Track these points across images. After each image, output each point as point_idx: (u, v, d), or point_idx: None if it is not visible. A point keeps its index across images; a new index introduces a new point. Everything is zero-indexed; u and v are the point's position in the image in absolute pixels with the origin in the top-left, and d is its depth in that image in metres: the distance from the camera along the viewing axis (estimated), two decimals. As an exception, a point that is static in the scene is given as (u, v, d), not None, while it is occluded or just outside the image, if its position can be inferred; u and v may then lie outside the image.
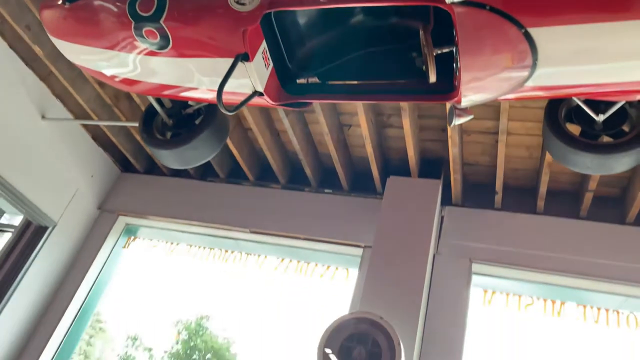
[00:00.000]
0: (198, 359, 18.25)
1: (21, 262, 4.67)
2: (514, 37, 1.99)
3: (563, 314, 3.93)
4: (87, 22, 2.65)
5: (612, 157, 2.56)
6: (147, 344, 17.37)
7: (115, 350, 18.34)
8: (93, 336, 17.13)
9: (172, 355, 18.25)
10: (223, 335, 17.54)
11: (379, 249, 4.11)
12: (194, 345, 17.98)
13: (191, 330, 17.73)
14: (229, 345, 17.83)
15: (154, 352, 17.86)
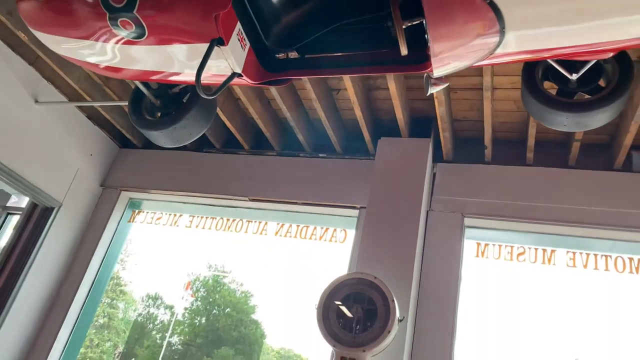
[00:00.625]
0: (218, 314, 18.97)
1: (32, 244, 4.86)
2: (480, 7, 2.02)
3: (554, 261, 4.07)
4: (64, 13, 2.66)
5: (588, 115, 2.61)
6: (168, 302, 18.03)
7: (138, 310, 19.12)
8: (115, 299, 17.78)
9: (193, 312, 18.95)
10: (240, 289, 18.10)
11: (373, 209, 4.24)
12: (212, 301, 18.63)
13: (209, 286, 18.31)
14: (247, 298, 18.43)
15: (175, 309, 18.56)
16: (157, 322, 18.08)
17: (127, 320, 17.75)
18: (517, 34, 2.13)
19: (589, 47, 2.20)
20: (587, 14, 1.97)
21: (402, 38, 2.26)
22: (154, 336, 17.83)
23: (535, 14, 2.03)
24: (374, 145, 4.65)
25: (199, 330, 17.78)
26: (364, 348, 3.23)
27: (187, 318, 18.55)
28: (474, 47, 2.20)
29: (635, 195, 3.99)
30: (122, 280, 17.24)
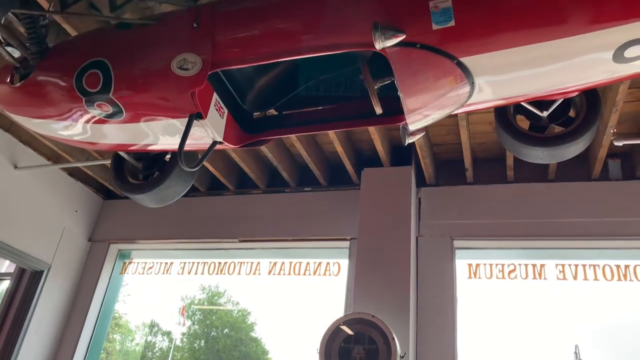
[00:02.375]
0: (217, 335, 18.83)
1: (25, 308, 4.80)
2: (448, 67, 2.08)
3: (544, 275, 4.15)
4: (38, 97, 2.67)
5: (562, 148, 2.68)
6: (165, 329, 17.83)
7: (135, 340, 18.90)
8: (111, 333, 17.58)
9: (191, 336, 18.78)
10: (237, 309, 17.99)
11: (363, 242, 4.28)
12: (210, 323, 18.48)
13: (205, 310, 18.16)
14: (245, 317, 18.35)
15: (173, 335, 18.38)
16: (156, 350, 17.88)
17: (125, 351, 17.52)
18: (486, 86, 2.20)
19: (555, 90, 2.29)
20: (544, 65, 2.06)
21: (374, 98, 2.32)
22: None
23: (500, 67, 2.10)
24: (358, 175, 4.71)
25: (200, 353, 17.57)
26: (369, 389, 3.26)
27: (186, 343, 18.37)
28: (446, 101, 2.27)
29: (615, 203, 4.10)
30: (116, 313, 17.05)
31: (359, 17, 2.08)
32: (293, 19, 2.21)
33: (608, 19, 1.88)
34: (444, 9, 1.99)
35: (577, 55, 2.01)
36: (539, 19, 1.93)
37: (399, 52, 2.05)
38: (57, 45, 2.68)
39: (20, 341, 4.69)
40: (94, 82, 2.42)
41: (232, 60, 2.29)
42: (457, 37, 2.01)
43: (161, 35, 2.39)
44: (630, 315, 3.86)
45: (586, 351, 3.92)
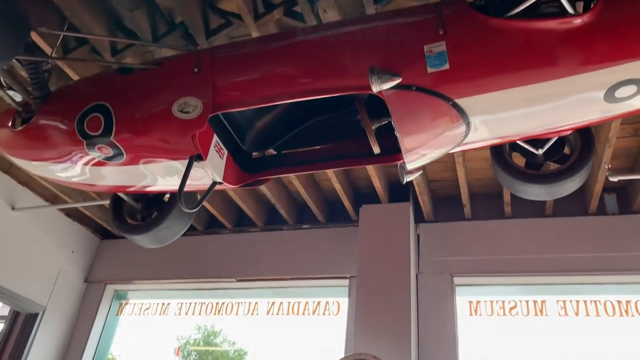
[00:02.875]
0: (213, 376, 18.46)
1: (19, 352, 4.71)
2: (444, 108, 2.13)
3: (546, 312, 4.12)
4: (39, 140, 2.69)
5: (559, 184, 2.71)
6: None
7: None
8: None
9: (187, 378, 18.40)
10: (233, 348, 17.65)
11: (363, 280, 4.25)
12: (205, 366, 18.14)
13: (200, 351, 17.82)
14: (242, 356, 17.98)
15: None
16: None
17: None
18: (481, 126, 2.24)
19: (549, 129, 2.34)
20: (539, 105, 2.11)
21: (372, 138, 2.36)
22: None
23: (494, 107, 2.15)
24: (356, 212, 4.72)
25: (195, 394, 17.17)
26: None
27: (181, 386, 17.97)
28: (442, 140, 2.31)
29: (613, 237, 4.11)
30: (110, 355, 16.68)
31: (356, 61, 2.14)
32: (291, 63, 2.26)
33: (598, 61, 1.94)
34: (439, 52, 2.05)
35: (569, 95, 2.06)
36: (531, 61, 1.98)
37: (396, 95, 2.09)
38: (59, 90, 2.73)
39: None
40: (95, 126, 2.45)
41: (232, 104, 2.33)
42: (451, 79, 2.06)
43: (162, 79, 2.44)
44: (631, 350, 3.80)
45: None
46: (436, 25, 2.06)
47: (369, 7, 2.67)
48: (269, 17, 2.86)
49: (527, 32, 1.96)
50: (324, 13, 2.74)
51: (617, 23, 1.91)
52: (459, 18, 2.08)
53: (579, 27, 1.92)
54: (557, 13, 1.96)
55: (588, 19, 1.90)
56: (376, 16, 2.44)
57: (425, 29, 2.08)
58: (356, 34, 2.23)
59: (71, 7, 2.84)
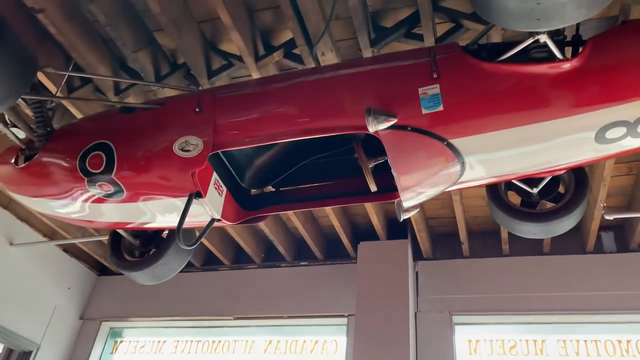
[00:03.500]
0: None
1: (9, 392, 4.62)
2: (439, 148, 2.17)
3: (546, 351, 4.07)
4: (41, 178, 2.72)
5: (554, 223, 2.74)
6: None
7: None
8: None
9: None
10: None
11: (361, 319, 4.22)
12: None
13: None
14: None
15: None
16: None
17: None
18: (476, 165, 2.28)
19: (542, 169, 2.38)
20: (532, 146, 2.16)
21: (369, 177, 2.39)
22: None
23: (488, 148, 2.20)
24: (354, 248, 4.72)
25: None
26: None
27: None
28: (438, 179, 2.34)
29: (611, 276, 4.11)
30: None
31: (353, 102, 2.19)
32: (290, 103, 2.32)
33: (587, 104, 2.00)
34: (433, 95, 2.11)
35: (560, 136, 2.11)
36: (522, 104, 2.04)
37: (391, 135, 2.14)
38: (63, 128, 2.78)
39: None
40: (97, 163, 2.49)
41: (232, 142, 2.37)
42: (445, 120, 2.11)
43: (164, 118, 2.49)
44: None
45: None
46: (430, 68, 2.13)
47: (365, 51, 2.76)
48: (269, 59, 2.95)
49: (517, 76, 2.03)
50: (322, 56, 2.82)
51: (604, 67, 1.98)
52: (452, 62, 2.14)
53: (568, 71, 1.98)
54: (546, 58, 2.03)
55: (576, 64, 1.97)
56: (373, 59, 2.52)
57: (419, 72, 2.15)
58: (353, 75, 2.30)
59: (76, 48, 2.92)
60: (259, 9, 2.93)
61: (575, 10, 1.71)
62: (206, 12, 2.81)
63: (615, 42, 2.00)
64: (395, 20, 2.83)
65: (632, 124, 2.05)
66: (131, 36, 2.90)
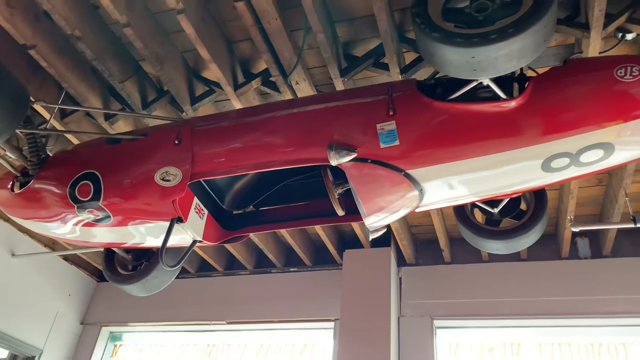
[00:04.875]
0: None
1: (14, 396, 4.85)
2: (397, 178, 2.35)
3: (522, 354, 4.26)
4: (35, 203, 2.93)
5: (515, 240, 2.92)
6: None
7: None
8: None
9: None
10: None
11: (346, 323, 4.41)
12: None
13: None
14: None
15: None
16: None
17: None
18: (433, 192, 2.47)
19: (497, 193, 2.56)
20: (485, 174, 2.33)
21: (335, 203, 2.58)
22: None
23: (442, 176, 2.37)
24: (340, 255, 4.91)
25: None
26: None
27: None
28: (398, 205, 2.53)
29: (585, 281, 4.28)
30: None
31: (319, 137, 2.37)
32: (261, 138, 2.50)
33: (531, 138, 2.17)
34: (389, 130, 2.29)
35: (508, 166, 2.29)
36: (470, 138, 2.21)
37: (353, 166, 2.33)
38: (55, 157, 2.97)
39: None
40: (85, 192, 2.68)
41: (209, 172, 2.57)
42: (402, 153, 2.29)
43: (146, 150, 2.68)
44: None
45: None
46: (387, 106, 2.31)
47: (336, 80, 2.94)
48: (247, 86, 3.13)
49: (465, 114, 2.20)
50: (297, 84, 3.00)
51: (545, 105, 2.14)
52: (406, 100, 2.32)
53: (511, 109, 2.15)
54: (491, 97, 2.20)
55: (518, 103, 2.14)
56: (338, 94, 2.69)
57: (377, 109, 2.33)
58: (320, 112, 2.48)
59: (67, 80, 3.11)
60: (237, 40, 3.10)
61: (507, 62, 1.88)
62: (188, 43, 2.99)
63: (554, 82, 2.16)
64: (365, 49, 3.00)
65: (574, 155, 2.23)
66: (117, 68, 3.08)
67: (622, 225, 3.63)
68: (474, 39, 1.83)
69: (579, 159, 2.24)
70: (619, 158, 2.26)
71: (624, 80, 2.07)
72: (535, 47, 1.87)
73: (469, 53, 1.86)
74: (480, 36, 1.83)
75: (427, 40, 1.95)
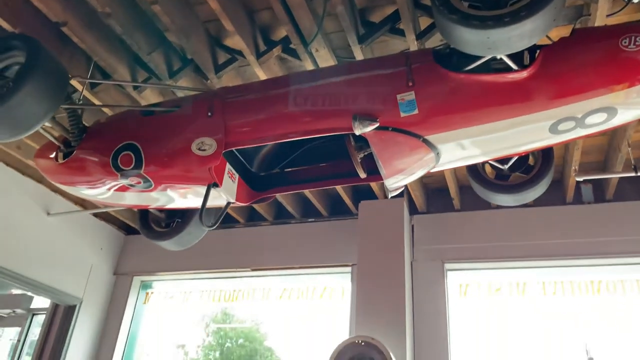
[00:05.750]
0: (231, 346, 19.35)
1: (61, 340, 5.31)
2: (416, 144, 2.57)
3: (527, 293, 4.61)
4: (79, 172, 3.17)
5: (524, 192, 3.17)
6: (179, 342, 18.31)
7: (150, 355, 19.43)
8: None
9: (206, 348, 19.29)
10: (250, 319, 18.48)
11: (363, 269, 4.76)
12: (224, 334, 19.01)
13: (218, 320, 18.70)
14: (258, 327, 18.83)
15: (187, 347, 18.83)
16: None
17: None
18: (448, 154, 2.69)
19: (508, 153, 2.78)
20: (496, 136, 2.54)
21: (358, 166, 2.81)
22: (171, 378, 17.99)
23: (458, 139, 2.58)
24: (355, 206, 5.19)
25: (215, 365, 18.06)
26: (371, 404, 3.73)
27: (201, 355, 18.88)
28: (416, 168, 2.76)
29: (588, 225, 4.56)
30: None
31: (344, 109, 2.56)
32: (289, 110, 2.70)
33: (540, 104, 2.36)
34: (409, 100, 2.48)
35: (518, 130, 2.49)
36: (484, 106, 2.41)
37: (375, 134, 2.54)
38: (93, 128, 3.18)
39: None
40: (127, 162, 2.92)
41: (240, 142, 2.78)
42: (420, 121, 2.49)
43: (181, 122, 2.89)
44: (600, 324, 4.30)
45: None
46: (406, 77, 2.49)
47: (354, 47, 3.08)
48: (268, 54, 3.28)
49: (479, 84, 2.38)
50: (316, 52, 3.15)
51: (554, 74, 2.32)
52: (424, 71, 2.49)
53: (522, 79, 2.33)
54: (504, 68, 2.36)
55: (529, 73, 2.31)
56: (358, 66, 2.85)
57: (397, 80, 2.50)
58: (342, 84, 2.66)
59: (97, 53, 3.27)
60: (257, 9, 3.23)
61: (519, 42, 2.05)
62: (210, 13, 3.11)
63: (563, 52, 2.33)
64: (382, 16, 3.12)
65: (579, 119, 2.43)
66: (145, 40, 3.23)
67: (624, 174, 3.86)
68: (489, 21, 1.99)
69: (584, 121, 2.44)
70: (621, 119, 2.46)
71: (628, 49, 2.23)
72: (546, 27, 2.02)
73: (484, 34, 2.02)
74: (494, 19, 1.98)
75: (445, 21, 2.10)
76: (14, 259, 4.77)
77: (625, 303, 4.38)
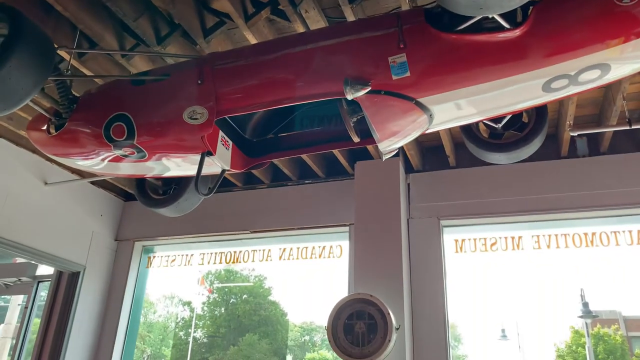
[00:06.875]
0: (236, 302, 19.70)
1: (68, 306, 5.43)
2: (408, 106, 2.56)
3: (522, 246, 4.70)
4: (72, 144, 3.16)
5: (518, 150, 3.18)
6: (185, 299, 18.69)
7: (158, 312, 19.81)
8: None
9: (212, 304, 19.68)
10: (253, 275, 18.75)
11: (360, 227, 4.82)
12: (228, 290, 19.35)
13: (222, 278, 18.98)
14: (261, 282, 19.09)
15: (194, 304, 19.22)
16: (178, 320, 18.84)
17: (149, 323, 18.34)
18: (441, 115, 2.68)
19: (499, 113, 2.77)
20: (486, 97, 2.52)
21: (351, 131, 2.81)
22: (178, 334, 18.51)
23: (449, 100, 2.57)
24: (351, 167, 5.20)
25: (221, 320, 18.47)
26: (370, 358, 3.87)
27: (207, 311, 19.30)
28: (409, 130, 2.75)
29: (582, 178, 4.59)
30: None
31: (335, 73, 2.53)
32: (279, 75, 2.67)
33: (533, 63, 2.34)
34: (401, 63, 2.45)
35: (511, 89, 2.48)
36: (476, 67, 2.38)
37: (368, 98, 2.52)
38: (84, 98, 3.15)
39: (67, 337, 5.32)
40: (120, 132, 2.91)
41: (233, 109, 2.77)
42: (412, 83, 2.48)
43: (172, 91, 2.86)
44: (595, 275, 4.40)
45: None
46: (398, 39, 2.45)
47: (344, 7, 3.01)
48: (257, 17, 3.20)
49: (471, 44, 2.35)
50: (306, 13, 3.08)
51: (547, 31, 2.29)
52: (416, 32, 2.45)
53: (516, 37, 2.30)
54: (496, 27, 2.32)
55: (522, 31, 2.28)
56: (349, 28, 2.79)
57: (388, 42, 2.47)
58: (332, 48, 2.62)
59: (82, 21, 3.20)
60: (244, -31, 3.13)
61: (511, 0, 2.00)
62: (196, -25, 3.03)
63: (556, 8, 2.28)
64: (371, -27, 3.04)
65: (573, 76, 2.41)
66: (130, 7, 3.15)
67: (618, 127, 3.86)
68: (480, -20, 1.94)
69: (578, 79, 2.42)
70: (615, 75, 2.44)
71: (623, 3, 2.18)
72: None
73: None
74: (485, -23, 1.93)
75: (436, -18, 2.05)
76: (15, 229, 4.81)
77: (619, 254, 4.48)
